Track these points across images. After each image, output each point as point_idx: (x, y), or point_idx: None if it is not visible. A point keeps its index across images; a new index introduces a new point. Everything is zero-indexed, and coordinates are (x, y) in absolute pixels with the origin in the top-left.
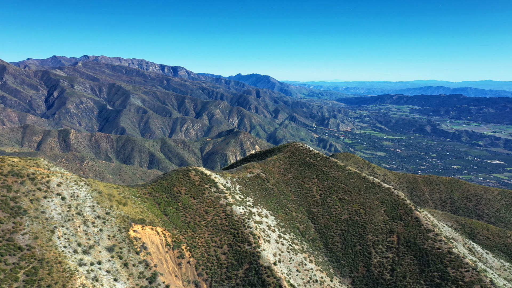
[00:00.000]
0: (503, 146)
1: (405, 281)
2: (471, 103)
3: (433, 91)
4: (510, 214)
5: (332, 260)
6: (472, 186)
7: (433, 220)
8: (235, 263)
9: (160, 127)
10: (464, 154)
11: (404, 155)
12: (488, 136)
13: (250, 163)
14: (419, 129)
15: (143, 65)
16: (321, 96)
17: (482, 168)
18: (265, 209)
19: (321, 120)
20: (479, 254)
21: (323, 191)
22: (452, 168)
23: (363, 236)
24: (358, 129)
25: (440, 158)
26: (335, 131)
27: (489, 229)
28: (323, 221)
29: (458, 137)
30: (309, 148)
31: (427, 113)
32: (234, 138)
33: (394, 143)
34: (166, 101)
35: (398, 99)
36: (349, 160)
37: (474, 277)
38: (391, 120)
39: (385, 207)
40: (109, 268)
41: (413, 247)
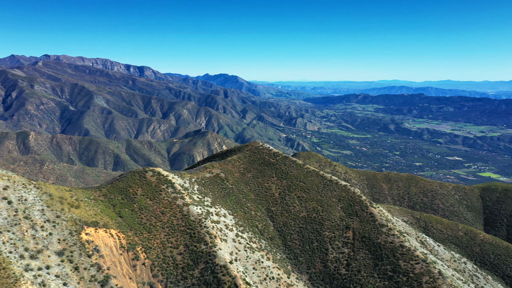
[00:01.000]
0: (461, 143)
1: (359, 275)
2: (432, 102)
3: (397, 91)
4: (463, 208)
5: (290, 257)
6: (428, 182)
7: (387, 215)
8: (191, 263)
9: (125, 128)
10: (426, 151)
11: (369, 153)
12: (448, 134)
13: (210, 163)
14: (384, 127)
15: (108, 65)
16: (289, 96)
17: (442, 164)
18: (223, 209)
19: (288, 120)
20: (431, 247)
21: (282, 190)
22: (415, 165)
23: (320, 232)
24: (325, 128)
25: (403, 155)
26: (303, 131)
27: (442, 223)
28: (282, 219)
29: (420, 135)
30: (269, 147)
31: (391, 112)
32: (202, 139)
33: (360, 141)
34: (132, 102)
35: (363, 98)
36: (311, 159)
37: (424, 268)
38: (357, 119)
39: (342, 203)
40: (58, 273)
41: (368, 242)
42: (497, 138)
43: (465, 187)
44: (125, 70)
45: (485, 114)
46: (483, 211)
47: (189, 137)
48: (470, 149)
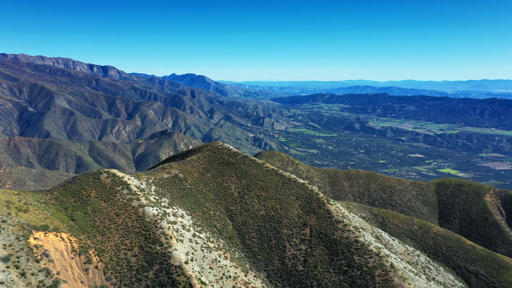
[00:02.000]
0: (422, 141)
1: (316, 270)
2: (395, 102)
3: (362, 90)
4: (420, 203)
5: (249, 255)
6: (387, 178)
7: (344, 211)
8: (146, 264)
9: (89, 130)
10: (389, 149)
11: (335, 152)
12: (410, 131)
13: (168, 163)
14: (349, 126)
15: (70, 65)
16: (257, 96)
17: (405, 161)
18: (181, 209)
19: (256, 120)
20: (386, 241)
21: (241, 189)
22: (379, 162)
23: (278, 230)
24: (292, 128)
25: (368, 153)
26: (270, 130)
27: (398, 218)
28: (241, 218)
29: (383, 133)
30: (229, 147)
31: (356, 111)
32: (168, 139)
33: (326, 140)
34: (95, 102)
35: (329, 98)
36: (274, 158)
37: (377, 262)
38: (323, 118)
39: (300, 201)
40: (3, 279)
41: (324, 238)
42: (456, 135)
43: (422, 183)
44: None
45: (444, 113)
46: (438, 205)
47: (155, 138)
48: (431, 146)
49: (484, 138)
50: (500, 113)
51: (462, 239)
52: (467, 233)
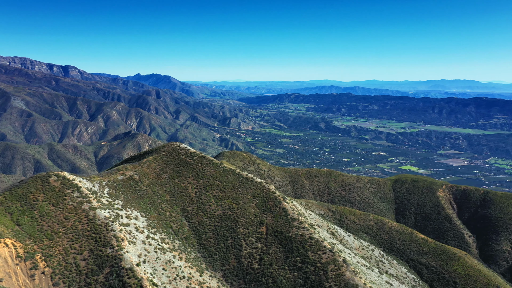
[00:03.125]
0: (385, 139)
1: (271, 268)
2: (358, 101)
3: (327, 90)
4: (377, 199)
5: (205, 255)
6: (346, 176)
7: (300, 209)
8: (96, 268)
9: (48, 132)
10: (353, 147)
11: (301, 151)
12: (373, 130)
13: (123, 165)
14: (315, 126)
15: (27, 64)
16: (223, 96)
17: (368, 159)
18: (136, 211)
19: (223, 120)
20: (341, 237)
21: (198, 189)
22: (343, 161)
23: (235, 229)
24: (258, 128)
25: (333, 152)
26: (237, 130)
27: (355, 214)
28: (198, 218)
29: (348, 132)
30: (186, 148)
31: (321, 110)
32: (131, 141)
33: (292, 140)
34: (55, 103)
35: (295, 98)
36: (236, 158)
37: (330, 258)
38: (289, 118)
39: (257, 200)
40: None
41: (280, 236)
42: (416, 133)
43: (379, 180)
44: (48, 70)
45: (405, 112)
46: (395, 201)
47: (118, 140)
48: (393, 144)
49: (442, 136)
50: (457, 111)
51: (415, 233)
52: (421, 227)
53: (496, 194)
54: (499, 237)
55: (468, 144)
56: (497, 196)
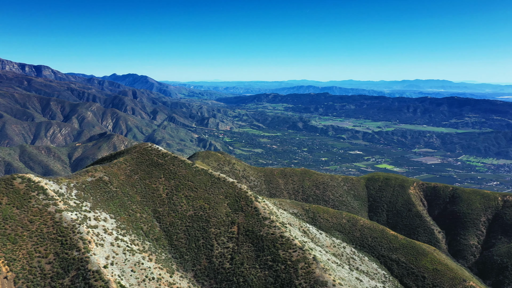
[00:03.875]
0: (361, 138)
1: (242, 267)
2: (336, 101)
3: (305, 90)
4: (351, 197)
5: (176, 256)
6: (320, 175)
7: (272, 208)
8: (61, 271)
9: (20, 133)
10: (331, 147)
11: (279, 151)
12: (350, 129)
13: (93, 166)
14: (293, 125)
15: None
16: (201, 96)
17: (345, 158)
18: (105, 213)
19: (201, 120)
20: (313, 235)
21: (169, 190)
22: (321, 160)
23: (206, 230)
24: (237, 128)
25: (310, 151)
26: (215, 131)
27: (328, 212)
28: (169, 219)
29: (325, 131)
30: (158, 148)
31: (299, 110)
32: (107, 142)
33: (270, 139)
34: (27, 104)
35: (273, 98)
36: (211, 158)
37: (300, 256)
38: (268, 118)
39: (229, 200)
40: None
41: (251, 235)
42: (391, 132)
43: (353, 178)
44: (19, 70)
45: (381, 111)
46: (368, 199)
47: (93, 141)
48: (369, 143)
49: (417, 134)
50: (431, 111)
51: (386, 230)
52: (393, 224)
53: (464, 190)
54: (467, 232)
55: (441, 142)
56: (465, 193)
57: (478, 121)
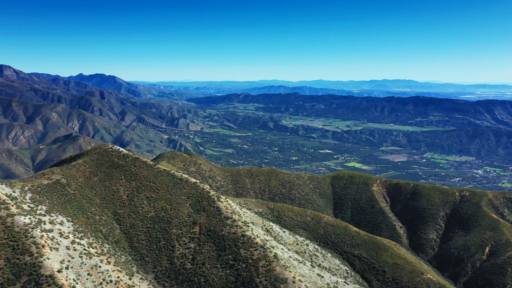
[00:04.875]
0: (331, 137)
1: (204, 267)
2: (306, 101)
3: (275, 90)
4: (316, 196)
5: (137, 258)
6: (287, 174)
7: (235, 208)
8: (12, 277)
9: None
10: (301, 146)
11: (250, 151)
12: (319, 129)
13: (50, 169)
14: (263, 125)
15: None
16: (172, 97)
17: (315, 157)
18: (61, 216)
19: (171, 121)
20: (276, 233)
21: (130, 191)
22: (291, 159)
23: (168, 231)
24: (207, 128)
25: (281, 151)
26: (185, 131)
27: (293, 211)
28: (129, 221)
29: (296, 131)
30: (119, 149)
31: (270, 110)
32: (72, 144)
33: (241, 139)
34: None
35: (244, 98)
36: (176, 159)
37: (261, 254)
38: (238, 118)
39: (191, 200)
40: None
41: (213, 235)
42: (360, 131)
43: (319, 177)
44: None
45: (350, 110)
46: (333, 196)
47: (58, 143)
48: (339, 142)
49: (384, 133)
50: (397, 110)
51: (349, 226)
52: (357, 221)
53: (424, 186)
54: (426, 227)
55: (407, 140)
56: (425, 189)
57: (441, 119)
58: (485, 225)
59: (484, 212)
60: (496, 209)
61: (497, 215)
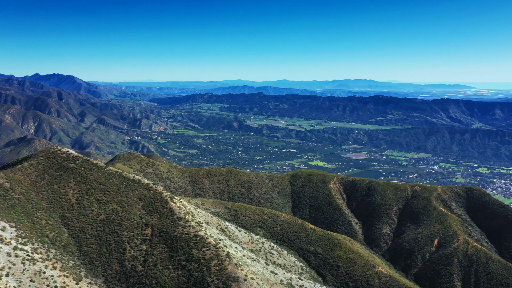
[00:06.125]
0: (295, 136)
1: (155, 269)
2: (270, 100)
3: (240, 90)
4: (275, 194)
5: (86, 262)
6: (246, 173)
7: (189, 208)
8: None
9: None
10: (265, 145)
11: (215, 151)
12: (283, 128)
13: None
14: (228, 125)
15: None
16: (134, 97)
17: (279, 157)
18: (3, 222)
19: (133, 122)
20: (231, 232)
21: (80, 194)
22: (256, 159)
23: (119, 233)
24: (171, 129)
25: (245, 151)
26: (148, 132)
27: (250, 210)
28: (78, 224)
29: (260, 131)
30: (68, 151)
31: (234, 110)
32: (27, 147)
33: (206, 140)
34: None
35: (208, 98)
36: (133, 160)
37: (214, 253)
38: (203, 118)
39: (143, 202)
40: None
41: (165, 236)
42: (323, 130)
43: (278, 176)
44: None
45: (313, 110)
46: (292, 195)
47: (11, 146)
48: (302, 141)
49: (346, 132)
50: (358, 109)
51: (305, 224)
52: (314, 218)
53: (379, 183)
54: (380, 221)
55: (368, 138)
56: (379, 185)
57: (400, 118)
58: (434, 219)
59: (433, 206)
60: (444, 203)
61: (445, 209)
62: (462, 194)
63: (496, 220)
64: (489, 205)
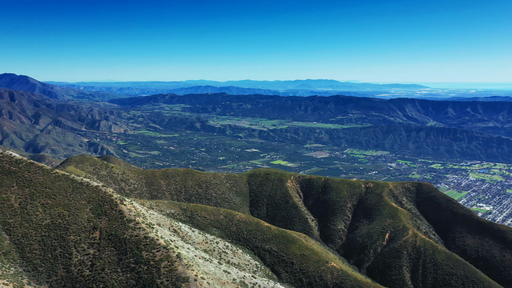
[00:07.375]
0: (258, 136)
1: (103, 273)
2: (233, 100)
3: (203, 90)
4: (233, 194)
5: (29, 269)
6: (203, 174)
7: (140, 210)
8: None
9: None
10: (229, 146)
11: (177, 152)
12: (246, 128)
13: None
14: (190, 126)
15: None
16: (93, 98)
17: (242, 157)
18: None
19: (91, 123)
20: (184, 233)
21: (23, 199)
22: (219, 159)
23: (65, 238)
24: (132, 130)
25: (208, 151)
26: (108, 134)
27: (206, 210)
28: (21, 230)
29: (223, 131)
30: (11, 154)
31: (197, 110)
32: None
33: (167, 141)
34: None
35: (170, 98)
36: (86, 163)
37: (164, 254)
38: (164, 119)
39: (91, 205)
40: None
41: (114, 239)
42: (285, 130)
43: (236, 175)
44: None
45: (276, 110)
46: (249, 194)
47: None
48: (265, 141)
49: (308, 131)
50: (320, 108)
51: (261, 222)
52: (272, 216)
53: (334, 180)
54: (335, 218)
55: (329, 137)
56: (335, 183)
57: (360, 117)
58: (386, 213)
59: (385, 202)
60: (395, 198)
61: (397, 204)
62: (412, 190)
63: (443, 213)
64: (437, 199)
